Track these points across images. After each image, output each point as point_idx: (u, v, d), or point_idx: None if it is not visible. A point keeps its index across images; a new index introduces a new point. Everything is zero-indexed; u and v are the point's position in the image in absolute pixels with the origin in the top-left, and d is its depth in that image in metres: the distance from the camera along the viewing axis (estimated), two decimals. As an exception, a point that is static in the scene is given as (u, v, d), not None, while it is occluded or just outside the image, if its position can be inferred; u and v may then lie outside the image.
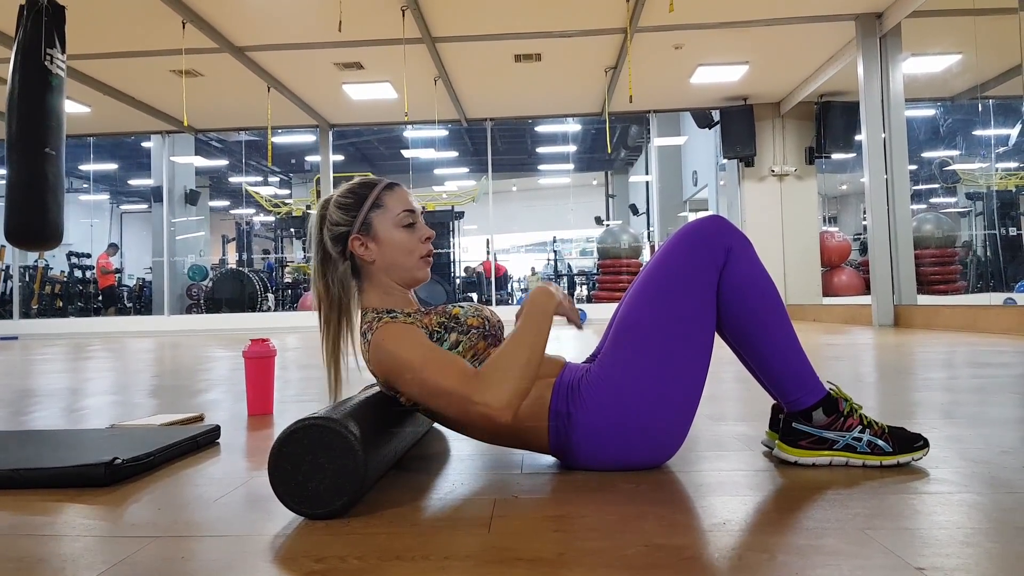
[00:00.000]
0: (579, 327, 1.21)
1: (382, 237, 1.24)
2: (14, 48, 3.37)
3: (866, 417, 1.22)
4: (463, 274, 14.10)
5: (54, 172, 3.33)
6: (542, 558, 0.85)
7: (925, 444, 1.23)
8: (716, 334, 1.24)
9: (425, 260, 1.28)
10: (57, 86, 3.40)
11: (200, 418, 1.94)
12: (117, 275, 13.34)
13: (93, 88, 8.32)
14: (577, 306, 8.88)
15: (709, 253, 1.19)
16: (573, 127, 16.28)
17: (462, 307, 1.26)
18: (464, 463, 1.36)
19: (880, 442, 1.21)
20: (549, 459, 1.34)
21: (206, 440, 1.58)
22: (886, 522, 0.94)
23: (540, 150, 18.58)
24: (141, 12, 6.39)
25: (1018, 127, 10.16)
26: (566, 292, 1.31)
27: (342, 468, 1.01)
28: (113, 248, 13.07)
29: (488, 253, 12.46)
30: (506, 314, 9.56)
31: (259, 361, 2.00)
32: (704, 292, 1.19)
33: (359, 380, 1.80)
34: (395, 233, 1.25)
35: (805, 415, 1.22)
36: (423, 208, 1.34)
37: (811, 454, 1.22)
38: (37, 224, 3.27)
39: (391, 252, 1.25)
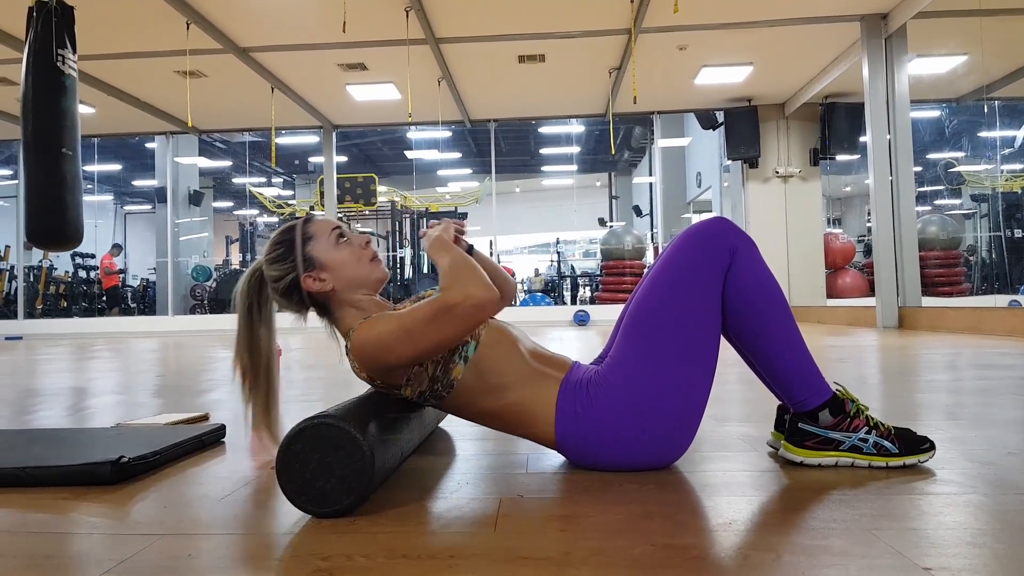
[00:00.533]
0: (462, 232, 1.33)
1: (327, 262, 1.25)
2: (25, 50, 3.39)
3: (872, 418, 1.22)
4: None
5: (72, 172, 3.35)
6: (548, 557, 0.85)
7: (932, 447, 1.22)
8: (722, 336, 1.24)
9: (375, 261, 1.30)
10: (70, 86, 3.42)
11: (205, 417, 1.95)
12: (121, 275, 13.37)
13: (97, 89, 8.35)
14: (580, 308, 8.90)
15: (714, 255, 1.19)
16: (576, 128, 16.27)
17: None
18: (469, 463, 1.36)
19: (886, 443, 1.20)
20: (555, 459, 1.34)
21: (211, 439, 1.58)
22: (892, 522, 0.94)
23: (543, 151, 18.57)
24: (145, 13, 6.41)
25: None
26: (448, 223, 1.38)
27: (350, 467, 1.01)
28: (117, 248, 13.10)
29: (491, 255, 12.46)
30: (504, 315, 9.60)
31: (264, 361, 2.00)
32: (709, 294, 1.19)
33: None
34: (336, 253, 1.26)
35: (811, 416, 1.21)
36: (427, 209, 1.36)
37: (817, 454, 1.22)
38: (58, 224, 3.29)
39: (343, 270, 1.25)
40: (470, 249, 1.37)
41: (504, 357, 1.22)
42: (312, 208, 13.60)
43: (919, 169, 10.26)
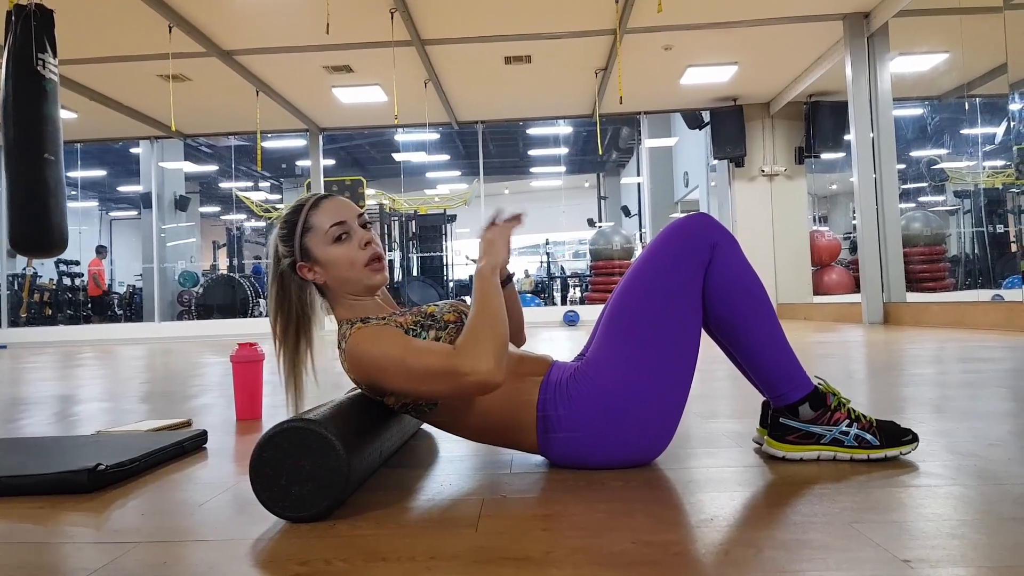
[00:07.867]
0: (519, 221, 1.27)
1: (321, 258, 1.22)
2: (4, 54, 3.36)
3: (854, 411, 1.22)
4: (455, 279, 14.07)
5: (55, 178, 3.32)
6: (530, 557, 0.84)
7: (914, 439, 1.22)
8: (704, 331, 1.24)
9: (372, 266, 1.23)
10: (51, 91, 3.40)
11: (187, 424, 1.93)
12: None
13: (79, 94, 8.28)
14: (570, 308, 8.83)
15: (695, 250, 1.19)
16: (564, 129, 16.28)
17: (437, 305, 1.25)
18: (452, 464, 1.35)
19: (868, 436, 1.20)
20: (538, 459, 1.33)
21: (193, 445, 1.56)
22: (873, 515, 0.94)
23: (532, 152, 18.58)
24: (126, 16, 6.35)
25: (1004, 125, 10.23)
26: (496, 222, 1.29)
27: (324, 470, 1.00)
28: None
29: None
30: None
31: (246, 366, 1.98)
32: (690, 289, 1.19)
33: (316, 396, 1.79)
34: (330, 251, 1.21)
35: (792, 410, 1.21)
36: (415, 211, 1.34)
37: (798, 449, 1.22)
38: (41, 231, 3.26)
39: (334, 270, 1.22)
40: (509, 278, 1.34)
41: None
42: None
43: (903, 166, 10.34)
